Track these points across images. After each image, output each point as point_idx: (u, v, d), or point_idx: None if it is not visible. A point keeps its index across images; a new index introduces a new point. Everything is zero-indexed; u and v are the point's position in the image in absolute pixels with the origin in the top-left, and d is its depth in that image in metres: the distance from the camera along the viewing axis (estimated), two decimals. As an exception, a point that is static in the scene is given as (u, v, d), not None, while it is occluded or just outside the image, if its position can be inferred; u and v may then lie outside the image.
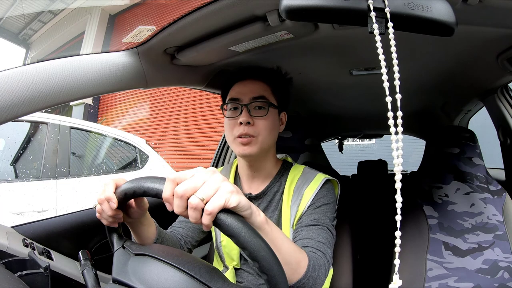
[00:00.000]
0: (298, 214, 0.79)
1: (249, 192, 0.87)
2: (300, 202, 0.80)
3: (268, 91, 0.83)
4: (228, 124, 0.82)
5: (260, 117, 0.80)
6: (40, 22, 4.50)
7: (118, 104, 7.69)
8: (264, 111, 0.80)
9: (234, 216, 0.44)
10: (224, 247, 0.87)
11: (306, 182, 0.82)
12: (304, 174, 0.85)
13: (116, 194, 0.53)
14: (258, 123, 0.79)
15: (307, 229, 0.74)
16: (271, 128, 0.81)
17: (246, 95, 0.81)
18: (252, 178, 0.88)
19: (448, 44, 0.83)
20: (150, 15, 1.41)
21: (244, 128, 0.78)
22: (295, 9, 0.42)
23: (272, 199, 0.85)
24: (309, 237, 0.72)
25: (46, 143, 2.46)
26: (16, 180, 2.33)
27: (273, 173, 0.87)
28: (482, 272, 0.87)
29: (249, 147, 0.78)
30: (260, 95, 0.81)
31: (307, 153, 1.22)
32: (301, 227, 0.76)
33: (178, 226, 0.92)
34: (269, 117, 0.81)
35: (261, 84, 0.83)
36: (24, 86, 0.62)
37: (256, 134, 0.79)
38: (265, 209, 0.85)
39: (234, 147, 0.81)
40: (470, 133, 1.04)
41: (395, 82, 0.37)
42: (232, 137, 0.80)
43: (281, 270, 0.45)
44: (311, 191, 0.80)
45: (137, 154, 3.23)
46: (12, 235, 0.76)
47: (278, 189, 0.85)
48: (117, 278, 0.50)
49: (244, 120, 0.78)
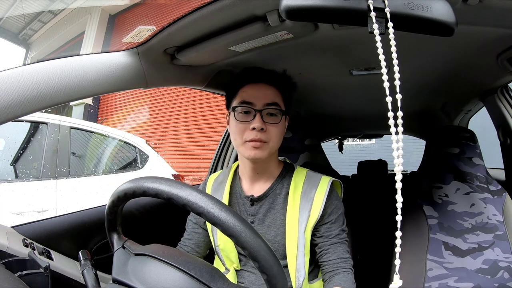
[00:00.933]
0: (311, 220, 0.81)
1: (250, 194, 0.86)
2: (312, 207, 0.81)
3: (280, 98, 0.83)
4: (237, 127, 0.81)
5: (272, 124, 0.80)
6: (40, 22, 4.50)
7: (118, 104, 7.69)
8: (277, 118, 0.81)
9: (234, 216, 0.44)
10: (222, 250, 0.87)
11: (313, 187, 0.83)
12: (309, 178, 0.86)
13: (116, 194, 0.53)
14: (271, 129, 0.80)
15: (333, 248, 0.81)
16: (281, 134, 0.83)
17: (260, 100, 0.80)
18: (255, 179, 0.87)
19: (448, 44, 0.83)
20: (150, 15, 1.41)
21: (257, 134, 0.78)
22: (295, 9, 0.42)
23: (275, 201, 0.85)
24: (338, 256, 0.81)
25: (46, 143, 2.46)
26: (16, 180, 2.33)
27: (275, 174, 0.87)
28: (482, 272, 0.87)
29: (260, 151, 0.79)
30: (273, 102, 0.81)
31: (307, 153, 1.22)
32: (326, 245, 0.82)
33: (185, 244, 0.92)
34: (280, 124, 0.82)
35: (273, 89, 0.83)
36: (24, 86, 0.62)
37: (268, 140, 0.79)
38: (267, 211, 0.84)
39: (243, 150, 0.81)
40: (470, 133, 1.04)
41: (395, 82, 0.37)
42: (242, 140, 0.80)
43: (281, 270, 0.45)
44: (321, 195, 0.82)
45: (137, 154, 3.23)
46: (12, 235, 0.75)
47: (281, 191, 0.85)
48: (117, 278, 0.50)
49: (258, 126, 0.78)
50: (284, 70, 0.88)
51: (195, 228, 0.92)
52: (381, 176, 2.38)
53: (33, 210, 2.16)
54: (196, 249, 0.91)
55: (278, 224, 0.83)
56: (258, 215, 0.85)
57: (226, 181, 0.91)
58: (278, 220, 0.83)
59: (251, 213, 0.85)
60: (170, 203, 0.47)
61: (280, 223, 0.83)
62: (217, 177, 0.95)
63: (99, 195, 2.53)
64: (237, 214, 0.45)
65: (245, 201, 0.86)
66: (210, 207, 0.44)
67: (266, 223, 0.84)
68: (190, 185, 0.48)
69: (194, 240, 0.91)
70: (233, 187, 0.90)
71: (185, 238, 0.93)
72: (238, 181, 0.90)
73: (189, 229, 0.93)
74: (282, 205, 0.83)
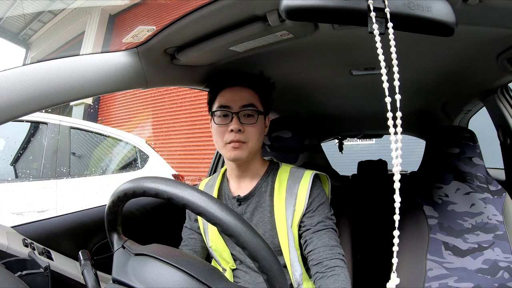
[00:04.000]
0: (296, 214, 0.81)
1: (237, 194, 0.88)
2: (296, 201, 0.82)
3: (256, 98, 0.86)
4: (218, 130, 0.84)
5: (250, 125, 0.83)
6: (40, 22, 4.50)
7: (118, 104, 7.69)
8: (254, 119, 0.83)
9: (234, 216, 0.44)
10: (215, 251, 0.89)
11: (296, 181, 0.84)
12: (292, 174, 0.87)
13: (116, 194, 0.53)
14: (248, 130, 0.82)
15: (317, 236, 0.79)
16: (260, 133, 0.85)
17: (236, 103, 0.83)
18: (241, 178, 0.90)
19: (448, 44, 0.83)
20: (150, 15, 1.41)
21: (235, 135, 0.81)
22: (295, 9, 0.42)
23: (261, 200, 0.86)
24: (323, 244, 0.78)
25: (46, 143, 2.46)
26: (16, 180, 2.33)
27: (260, 173, 0.89)
28: (482, 272, 0.87)
29: (239, 151, 0.82)
30: (249, 103, 0.84)
31: (306, 153, 1.22)
32: (309, 233, 0.80)
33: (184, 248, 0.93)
34: (258, 124, 0.84)
35: (249, 91, 0.85)
36: (24, 86, 0.61)
37: (247, 140, 0.82)
38: (254, 209, 0.86)
39: (224, 152, 0.84)
40: (470, 133, 1.04)
41: (394, 82, 0.37)
42: (223, 143, 0.83)
43: (281, 270, 0.45)
44: (304, 189, 0.83)
45: (137, 154, 3.23)
46: (12, 235, 0.75)
47: (266, 189, 0.87)
48: (117, 278, 0.50)
49: (236, 128, 0.81)
50: (261, 72, 0.91)
51: (191, 234, 0.94)
52: (381, 176, 2.38)
53: (33, 210, 2.16)
54: (193, 254, 0.92)
55: (265, 222, 0.84)
56: (245, 214, 0.86)
57: (215, 184, 0.93)
58: (265, 218, 0.84)
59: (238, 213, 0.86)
60: (170, 203, 0.47)
61: (267, 221, 0.84)
62: (207, 182, 0.98)
63: (99, 195, 2.53)
64: (237, 214, 0.45)
65: (233, 202, 0.88)
66: (210, 207, 0.44)
67: (254, 221, 0.85)
68: (190, 185, 0.48)
69: (190, 246, 0.93)
70: (221, 189, 0.93)
71: (182, 246, 0.95)
72: (226, 183, 0.92)
73: (185, 236, 0.95)
74: (269, 203, 0.85)
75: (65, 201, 2.35)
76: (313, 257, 0.78)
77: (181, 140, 6.77)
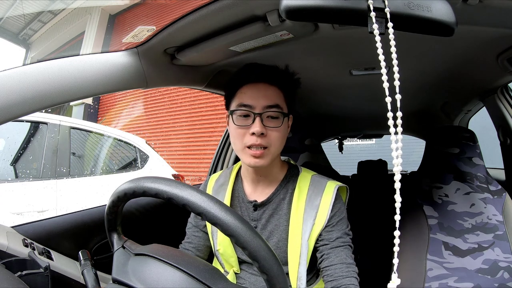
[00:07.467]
0: (316, 228, 0.77)
1: (253, 199, 0.83)
2: (317, 215, 0.77)
3: (281, 98, 0.78)
4: (237, 132, 0.76)
5: (273, 128, 0.75)
6: (40, 22, 4.49)
7: (118, 104, 7.69)
8: (278, 122, 0.76)
9: (234, 216, 0.44)
10: (222, 255, 0.85)
11: (318, 193, 0.79)
12: (313, 183, 0.81)
13: (116, 194, 0.53)
14: (271, 134, 0.75)
15: (334, 252, 0.76)
16: (283, 137, 0.78)
17: (259, 102, 0.74)
18: (257, 182, 0.84)
19: (448, 44, 0.83)
20: (150, 15, 1.41)
21: (257, 139, 0.73)
22: (295, 9, 0.42)
23: (278, 207, 0.82)
24: (340, 261, 0.75)
25: (46, 143, 2.46)
26: (16, 180, 2.33)
27: (279, 178, 0.84)
28: (482, 272, 0.87)
29: (261, 160, 0.75)
30: (274, 104, 0.75)
31: (307, 153, 1.22)
32: (327, 249, 0.77)
33: (185, 248, 0.90)
34: (282, 127, 0.77)
35: (275, 90, 0.77)
36: (24, 86, 0.62)
37: (269, 145, 0.75)
38: (270, 216, 0.82)
39: (243, 157, 0.77)
40: (470, 133, 1.04)
41: (394, 82, 0.36)
42: (242, 145, 0.76)
43: (281, 270, 0.45)
44: (326, 202, 0.78)
45: (137, 154, 3.23)
46: (12, 235, 0.75)
47: (284, 196, 0.82)
48: (117, 278, 0.50)
49: (258, 131, 0.73)
50: (286, 66, 0.82)
51: (195, 231, 0.90)
52: (381, 176, 2.37)
53: (33, 210, 2.16)
54: (196, 252, 0.90)
55: (281, 230, 0.80)
56: (261, 220, 0.82)
57: (227, 183, 0.88)
58: (281, 226, 0.80)
59: (254, 218, 0.83)
60: (170, 203, 0.47)
61: (283, 229, 0.80)
62: (217, 178, 0.92)
63: (99, 195, 2.53)
64: (237, 214, 0.45)
65: (248, 206, 0.84)
66: (210, 207, 0.44)
67: (269, 228, 0.81)
68: (190, 185, 0.48)
69: (194, 243, 0.90)
70: (235, 190, 0.87)
71: (185, 242, 0.91)
72: (240, 184, 0.87)
73: (189, 232, 0.91)
74: (286, 211, 0.80)
75: (65, 201, 2.35)
76: (328, 273, 0.74)
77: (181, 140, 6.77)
